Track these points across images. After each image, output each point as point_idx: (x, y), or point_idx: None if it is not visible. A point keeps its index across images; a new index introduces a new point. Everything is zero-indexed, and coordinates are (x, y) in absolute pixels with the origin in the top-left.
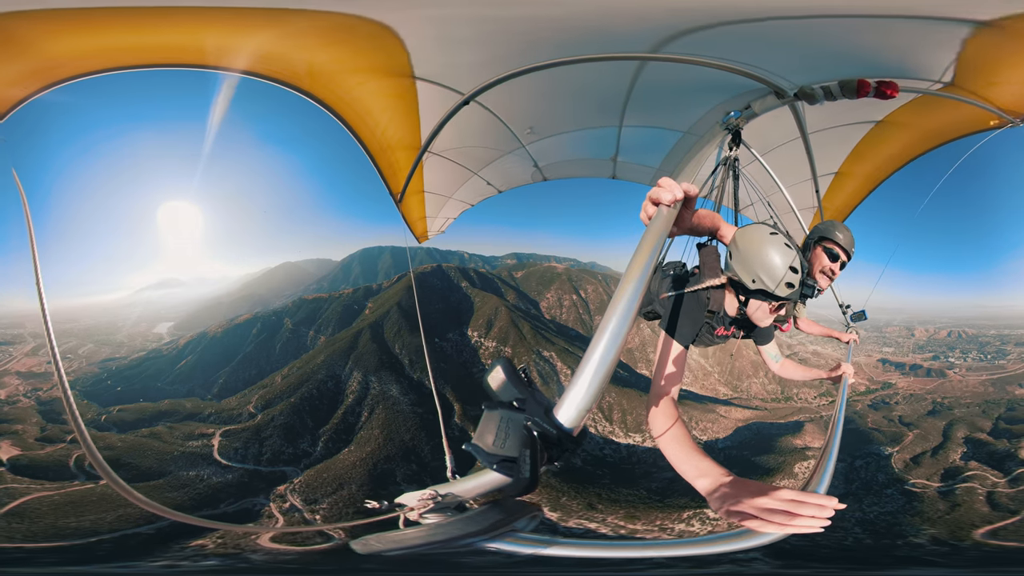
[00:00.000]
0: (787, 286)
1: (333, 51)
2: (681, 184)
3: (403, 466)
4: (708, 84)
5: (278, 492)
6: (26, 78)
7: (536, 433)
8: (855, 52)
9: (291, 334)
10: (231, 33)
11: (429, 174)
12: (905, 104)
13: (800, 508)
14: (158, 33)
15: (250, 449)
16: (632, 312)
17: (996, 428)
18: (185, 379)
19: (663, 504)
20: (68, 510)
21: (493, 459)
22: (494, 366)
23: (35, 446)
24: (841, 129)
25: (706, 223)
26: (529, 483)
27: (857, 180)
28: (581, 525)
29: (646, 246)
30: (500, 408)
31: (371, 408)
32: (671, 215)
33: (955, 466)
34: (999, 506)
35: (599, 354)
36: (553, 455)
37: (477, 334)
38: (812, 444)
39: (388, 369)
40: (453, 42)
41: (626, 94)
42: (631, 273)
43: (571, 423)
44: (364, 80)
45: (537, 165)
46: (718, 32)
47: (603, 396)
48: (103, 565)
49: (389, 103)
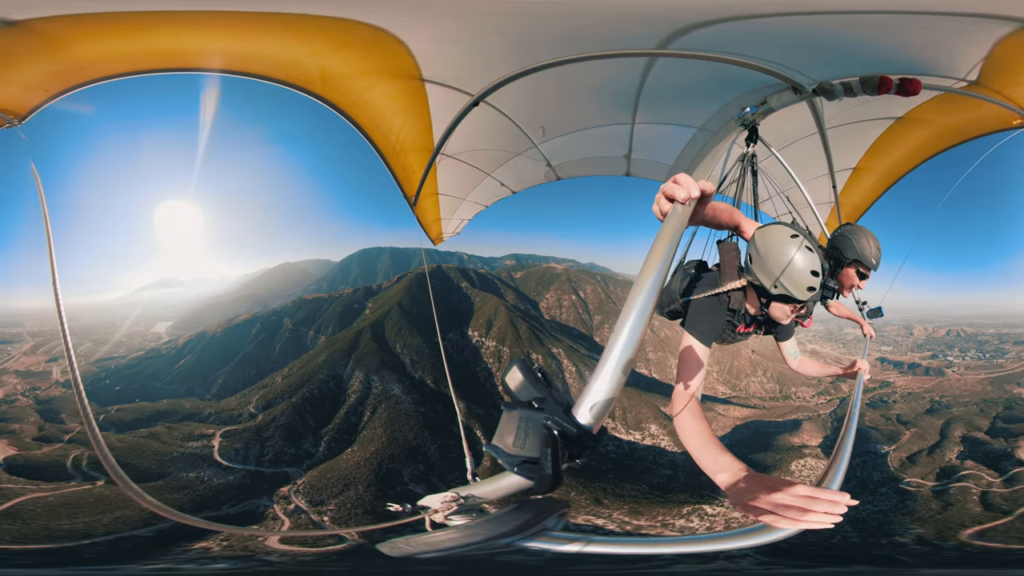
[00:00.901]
0: (808, 290)
1: (342, 55)
2: (698, 181)
3: (409, 465)
4: (722, 79)
5: (281, 493)
6: (50, 80)
7: (556, 432)
8: (878, 48)
9: (291, 334)
10: (244, 38)
11: (443, 176)
12: (927, 101)
13: (813, 504)
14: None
15: (251, 450)
16: (648, 310)
17: (994, 427)
18: (184, 379)
19: (664, 500)
20: (62, 512)
21: (514, 460)
22: (511, 366)
23: (32, 445)
24: (860, 124)
25: (724, 218)
26: (553, 481)
27: (875, 176)
28: (589, 522)
29: (661, 243)
30: (519, 408)
31: (373, 408)
32: (686, 213)
33: (951, 465)
34: (992, 506)
35: (617, 352)
36: (574, 453)
37: (478, 334)
38: (809, 442)
39: (390, 369)
40: (456, 43)
41: (638, 90)
42: (647, 271)
43: (590, 421)
44: (374, 83)
45: (550, 164)
46: (735, 27)
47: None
48: (93, 567)
49: (400, 106)
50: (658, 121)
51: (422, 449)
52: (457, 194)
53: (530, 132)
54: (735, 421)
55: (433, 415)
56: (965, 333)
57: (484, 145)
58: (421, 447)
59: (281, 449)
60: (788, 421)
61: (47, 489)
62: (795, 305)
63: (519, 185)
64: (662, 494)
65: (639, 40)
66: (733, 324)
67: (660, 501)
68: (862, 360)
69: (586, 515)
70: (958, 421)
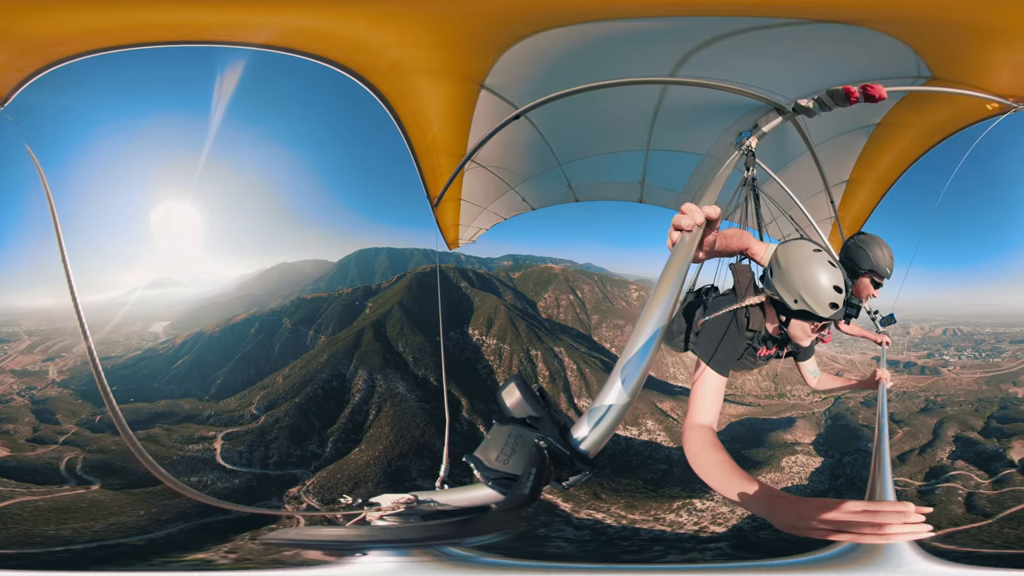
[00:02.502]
0: (831, 307)
1: (420, 52)
2: (703, 208)
3: (416, 462)
4: (718, 105)
5: (291, 494)
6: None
7: (547, 452)
8: (830, 60)
9: (290, 333)
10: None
11: (468, 183)
12: (898, 103)
13: (880, 517)
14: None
15: (255, 452)
16: (657, 339)
17: (988, 427)
18: (182, 379)
19: (657, 494)
20: (50, 516)
21: (491, 474)
22: (508, 383)
23: (26, 447)
24: (845, 137)
25: (734, 244)
26: (527, 499)
27: (869, 185)
28: (591, 516)
29: (671, 271)
30: (511, 424)
31: (379, 406)
32: (693, 240)
33: (941, 465)
34: (975, 508)
35: (622, 380)
36: (562, 476)
37: (478, 332)
38: (802, 440)
39: (393, 367)
40: (535, 54)
41: (653, 116)
42: (656, 298)
43: (588, 446)
44: (433, 82)
45: (571, 185)
46: (728, 49)
47: None
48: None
49: (446, 106)
50: (668, 148)
51: (429, 446)
52: (479, 202)
53: (558, 151)
54: (730, 418)
55: (438, 412)
56: (962, 332)
57: (513, 158)
58: (428, 444)
59: (287, 450)
60: (782, 419)
61: (38, 492)
62: (815, 324)
63: (539, 202)
64: (655, 488)
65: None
66: (753, 348)
67: (653, 496)
68: (883, 369)
69: (587, 510)
70: (952, 420)
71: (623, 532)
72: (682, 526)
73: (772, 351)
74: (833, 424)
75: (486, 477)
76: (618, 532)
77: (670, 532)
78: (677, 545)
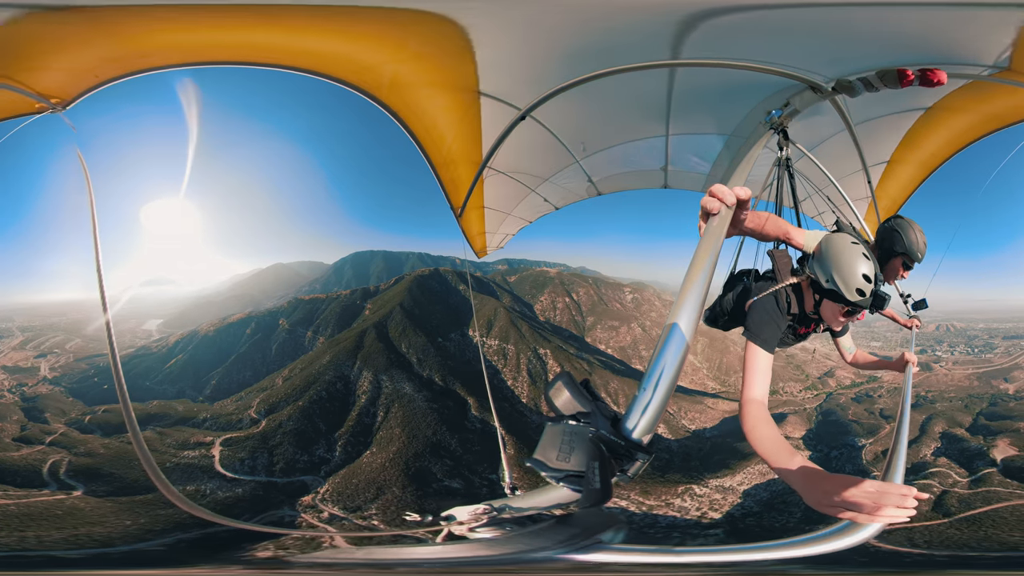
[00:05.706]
0: (858, 292)
1: (414, 65)
2: (733, 188)
3: (436, 462)
4: (743, 84)
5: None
6: (101, 66)
7: (603, 445)
8: (893, 40)
9: (288, 335)
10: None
11: (489, 190)
12: (957, 89)
13: (884, 499)
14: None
15: (259, 459)
16: (694, 321)
17: (976, 424)
18: (175, 379)
19: (664, 479)
20: (15, 523)
21: (559, 474)
22: (555, 381)
23: (11, 447)
24: (889, 118)
25: (770, 229)
26: (601, 495)
27: (911, 168)
28: (615, 504)
29: (703, 254)
30: (563, 422)
31: (387, 407)
32: (723, 221)
33: (923, 461)
34: (942, 507)
35: (664, 364)
36: (623, 466)
37: (479, 334)
38: (793, 434)
39: (398, 368)
40: (514, 53)
41: (667, 101)
42: (690, 281)
43: (640, 433)
44: (435, 94)
45: (591, 180)
46: (748, 28)
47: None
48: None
49: (455, 118)
50: (691, 131)
51: (443, 444)
52: (502, 208)
53: (572, 148)
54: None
55: (447, 411)
56: (955, 328)
57: (530, 160)
58: (442, 443)
59: (292, 456)
60: (775, 414)
61: (15, 496)
62: (843, 308)
63: (561, 201)
64: (662, 473)
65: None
66: (793, 327)
67: (661, 481)
68: (910, 353)
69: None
70: (940, 417)
71: (645, 519)
72: (687, 512)
73: (811, 328)
74: (823, 420)
75: (554, 477)
76: (641, 519)
77: (680, 518)
78: (688, 532)
